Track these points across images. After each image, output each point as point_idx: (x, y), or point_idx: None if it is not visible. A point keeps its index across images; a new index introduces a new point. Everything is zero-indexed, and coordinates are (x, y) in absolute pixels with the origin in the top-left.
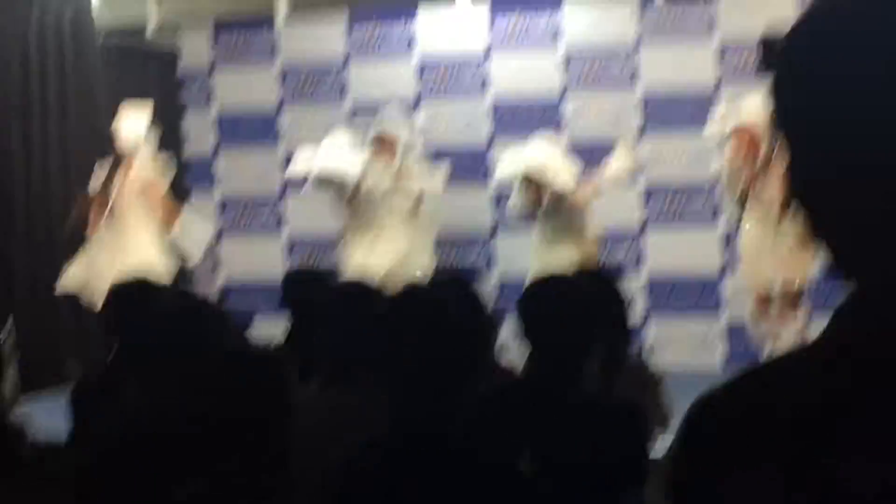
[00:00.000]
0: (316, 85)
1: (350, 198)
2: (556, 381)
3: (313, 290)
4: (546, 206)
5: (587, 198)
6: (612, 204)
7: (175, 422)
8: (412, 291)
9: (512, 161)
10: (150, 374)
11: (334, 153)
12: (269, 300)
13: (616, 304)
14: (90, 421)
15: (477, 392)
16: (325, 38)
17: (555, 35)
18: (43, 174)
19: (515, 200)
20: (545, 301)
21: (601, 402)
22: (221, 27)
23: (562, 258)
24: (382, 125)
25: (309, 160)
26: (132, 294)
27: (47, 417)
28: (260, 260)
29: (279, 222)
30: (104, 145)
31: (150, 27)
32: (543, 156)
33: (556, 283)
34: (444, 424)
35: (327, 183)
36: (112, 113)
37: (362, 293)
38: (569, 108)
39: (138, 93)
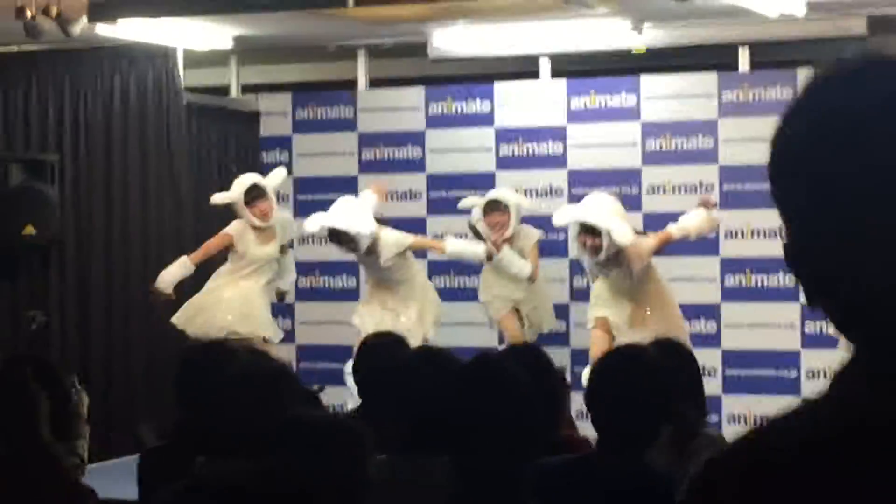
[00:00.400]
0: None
1: (365, 254)
2: (623, 455)
3: (385, 356)
4: (605, 255)
5: (649, 248)
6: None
7: (254, 488)
8: (484, 357)
9: (568, 210)
10: (225, 441)
11: (347, 211)
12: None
13: (688, 374)
14: (160, 487)
15: (545, 461)
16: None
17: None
18: (123, 235)
19: (576, 251)
20: (612, 373)
21: (667, 476)
22: (301, 94)
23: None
24: (495, 192)
25: (322, 219)
26: (205, 358)
27: (119, 484)
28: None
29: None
30: (183, 199)
31: (233, 91)
32: (600, 205)
33: (631, 353)
34: (510, 491)
35: (339, 238)
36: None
37: (436, 359)
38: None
39: (220, 152)
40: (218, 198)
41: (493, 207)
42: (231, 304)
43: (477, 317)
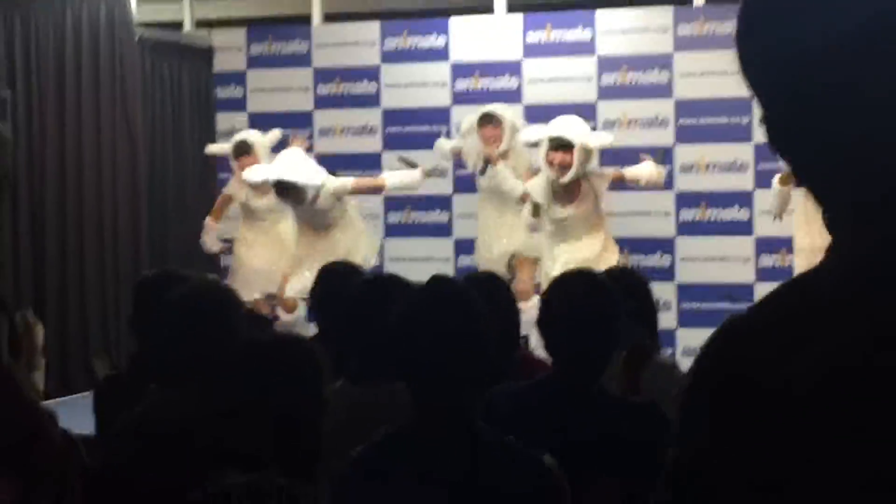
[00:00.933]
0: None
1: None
2: (579, 377)
3: (344, 285)
4: (574, 173)
5: (609, 175)
6: (644, 212)
7: (205, 414)
8: (437, 279)
9: (539, 127)
10: (176, 367)
11: (293, 163)
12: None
13: (644, 302)
14: (116, 417)
15: (500, 387)
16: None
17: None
18: (77, 171)
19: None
20: (571, 294)
21: (623, 400)
22: (255, 29)
23: (584, 248)
24: (490, 107)
25: (267, 170)
26: (155, 285)
27: (77, 420)
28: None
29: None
30: (136, 135)
31: (186, 26)
32: (571, 123)
33: (583, 277)
34: (469, 416)
35: (286, 190)
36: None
37: (390, 285)
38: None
39: (173, 87)
40: (212, 149)
41: (487, 121)
42: (259, 277)
43: (435, 252)
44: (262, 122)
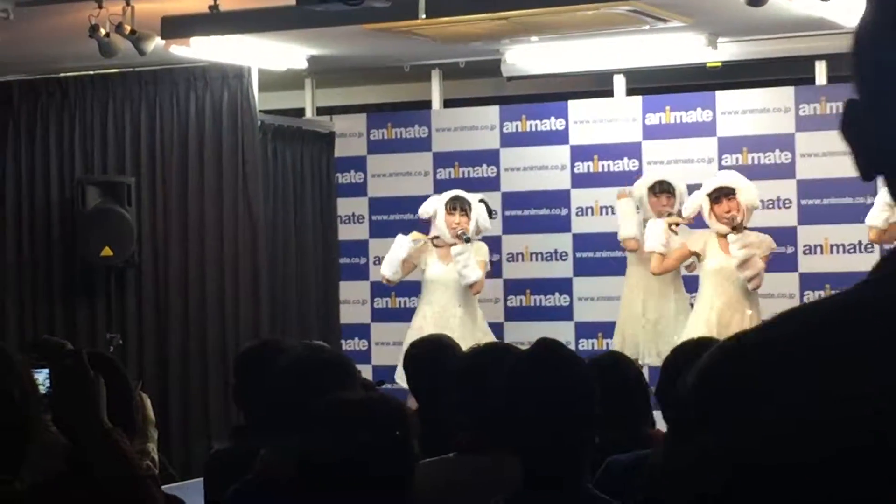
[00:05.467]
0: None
1: None
2: None
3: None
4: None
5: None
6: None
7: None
8: (546, 341)
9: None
10: (281, 432)
11: None
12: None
13: None
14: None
15: (624, 455)
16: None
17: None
18: (199, 255)
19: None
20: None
21: None
22: (375, 115)
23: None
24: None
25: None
26: (257, 355)
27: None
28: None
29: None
30: (257, 221)
31: (308, 112)
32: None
33: (706, 345)
34: (578, 484)
35: None
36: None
37: (499, 353)
38: None
39: (294, 172)
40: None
41: (455, 206)
42: None
43: (555, 335)
44: (382, 206)
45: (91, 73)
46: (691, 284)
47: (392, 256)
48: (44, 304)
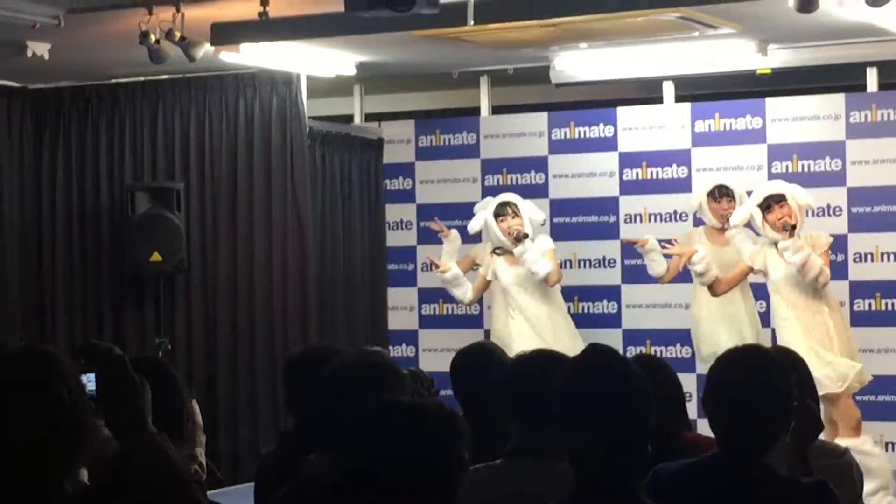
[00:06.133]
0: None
1: None
2: (744, 456)
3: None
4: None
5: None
6: None
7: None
8: (594, 353)
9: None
10: (330, 436)
11: None
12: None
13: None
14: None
15: (671, 462)
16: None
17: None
18: (248, 260)
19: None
20: (737, 370)
21: (793, 479)
22: (424, 122)
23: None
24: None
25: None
26: (307, 359)
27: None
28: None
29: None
30: (306, 227)
31: (356, 119)
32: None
33: (751, 352)
34: (631, 492)
35: None
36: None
37: (547, 361)
38: None
39: (343, 178)
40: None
41: (502, 212)
42: None
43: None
44: (430, 212)
45: (141, 79)
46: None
47: (450, 283)
48: (93, 309)
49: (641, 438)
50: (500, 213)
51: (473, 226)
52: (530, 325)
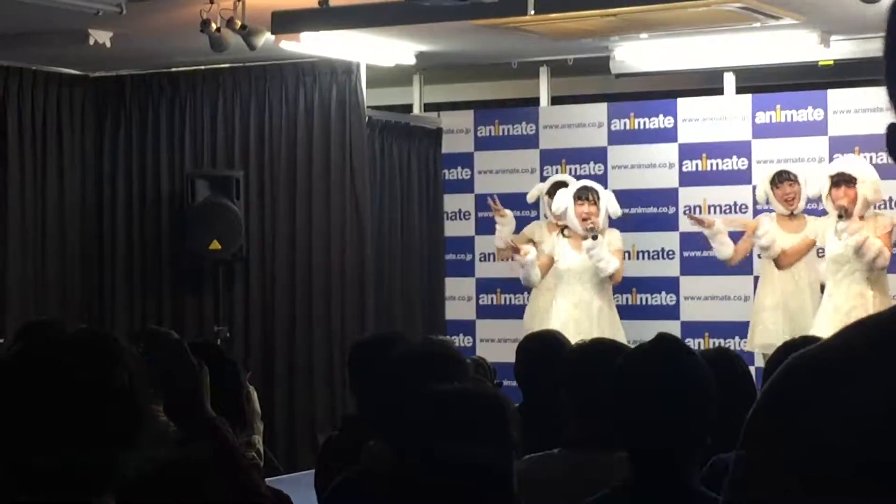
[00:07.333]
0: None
1: None
2: None
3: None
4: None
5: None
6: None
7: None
8: (660, 340)
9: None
10: (389, 423)
11: None
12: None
13: None
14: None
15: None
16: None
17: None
18: (306, 249)
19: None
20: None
21: None
22: (483, 112)
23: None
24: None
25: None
26: (372, 345)
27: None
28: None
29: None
30: (364, 216)
31: (415, 109)
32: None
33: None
34: (686, 480)
35: None
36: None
37: (603, 350)
38: None
39: (402, 168)
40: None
41: (583, 196)
42: None
43: None
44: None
45: (202, 67)
46: None
47: (529, 266)
48: (152, 297)
49: (701, 432)
50: (581, 195)
51: (557, 202)
52: (575, 312)
